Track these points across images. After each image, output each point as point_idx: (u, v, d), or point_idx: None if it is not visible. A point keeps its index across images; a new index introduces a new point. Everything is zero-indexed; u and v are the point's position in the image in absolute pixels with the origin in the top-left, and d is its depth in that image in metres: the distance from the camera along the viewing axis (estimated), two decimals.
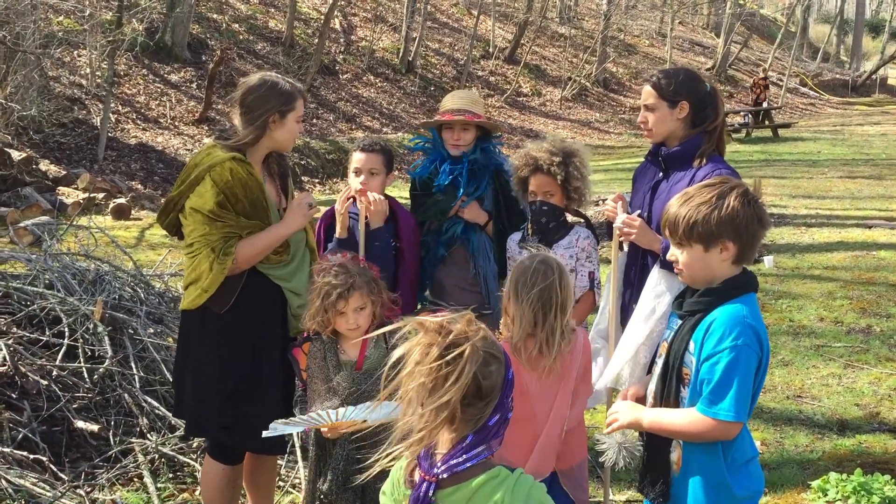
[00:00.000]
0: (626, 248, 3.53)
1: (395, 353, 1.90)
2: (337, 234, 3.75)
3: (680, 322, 2.59)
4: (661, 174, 3.46)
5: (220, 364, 3.38)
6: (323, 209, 3.85)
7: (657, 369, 2.65)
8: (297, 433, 4.45)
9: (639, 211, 3.46)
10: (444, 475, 1.87)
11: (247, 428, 3.37)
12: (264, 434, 2.91)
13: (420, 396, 1.85)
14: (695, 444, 2.52)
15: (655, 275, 3.24)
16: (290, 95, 3.37)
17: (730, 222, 2.44)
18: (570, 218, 3.89)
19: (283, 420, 2.90)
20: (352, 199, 3.77)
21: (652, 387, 2.66)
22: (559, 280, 2.92)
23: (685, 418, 2.49)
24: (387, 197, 3.87)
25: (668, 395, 2.57)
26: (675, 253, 2.56)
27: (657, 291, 3.20)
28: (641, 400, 2.74)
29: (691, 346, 2.51)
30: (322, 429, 2.96)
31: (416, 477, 1.92)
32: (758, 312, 2.51)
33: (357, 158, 3.82)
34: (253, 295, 3.36)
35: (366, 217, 3.70)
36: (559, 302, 2.90)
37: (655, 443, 2.62)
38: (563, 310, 2.93)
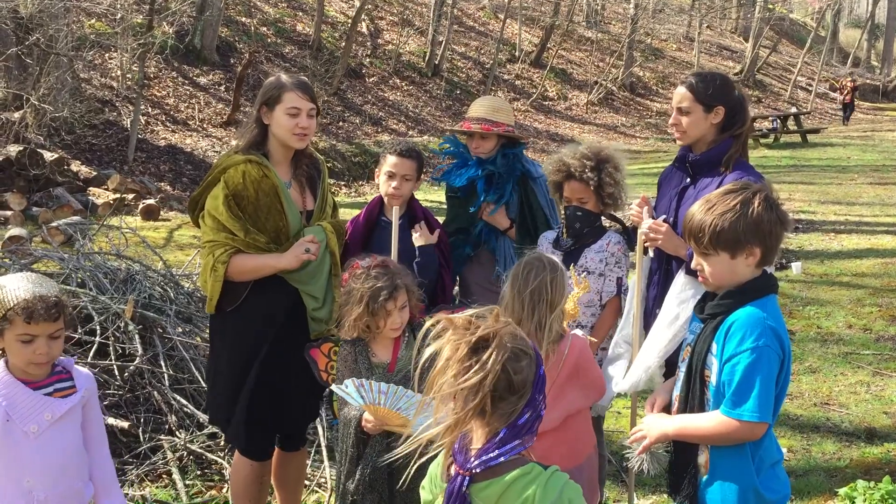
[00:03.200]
0: (651, 253, 3.53)
1: (427, 352, 1.94)
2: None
3: (702, 325, 2.60)
4: (687, 180, 3.45)
5: (230, 359, 3.46)
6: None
7: (681, 374, 2.66)
8: (324, 431, 4.50)
9: (664, 216, 3.46)
10: (478, 469, 1.90)
11: (260, 423, 3.45)
12: (333, 387, 2.97)
13: (452, 391, 1.89)
14: (722, 447, 2.52)
15: (680, 280, 3.23)
16: (278, 87, 3.40)
17: (755, 228, 2.46)
18: (605, 222, 3.90)
19: (359, 382, 2.92)
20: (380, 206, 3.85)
21: (677, 391, 2.67)
22: (551, 277, 2.98)
23: (710, 422, 2.49)
24: (415, 203, 3.93)
25: (692, 399, 2.58)
26: (699, 261, 2.57)
27: (682, 297, 3.18)
28: (668, 408, 2.74)
29: (713, 348, 2.52)
30: (367, 417, 2.98)
31: (452, 471, 1.95)
32: (778, 314, 2.51)
33: (391, 162, 3.79)
34: (266, 295, 3.41)
35: (399, 220, 3.74)
36: (548, 299, 2.96)
37: (683, 445, 2.63)
38: (551, 308, 2.98)
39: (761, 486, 2.49)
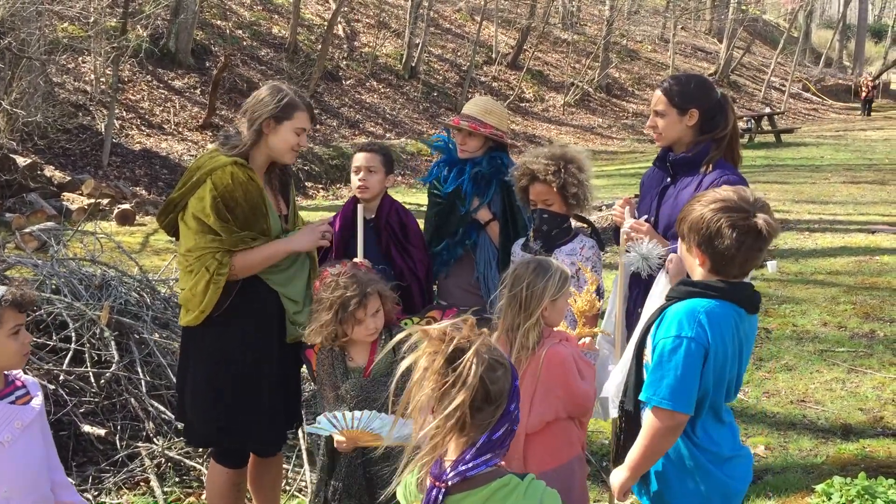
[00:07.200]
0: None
1: (403, 364, 1.92)
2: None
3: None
4: (668, 179, 3.48)
5: (216, 368, 3.40)
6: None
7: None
8: (305, 438, 4.48)
9: (646, 216, 3.48)
10: (454, 481, 1.89)
11: (244, 430, 3.41)
12: (308, 428, 2.96)
13: (429, 404, 1.88)
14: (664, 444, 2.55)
15: (662, 280, 3.24)
16: (290, 105, 3.34)
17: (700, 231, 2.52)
18: (574, 223, 3.91)
19: (330, 415, 2.95)
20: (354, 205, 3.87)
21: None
22: (527, 281, 3.02)
23: (643, 432, 2.53)
24: (388, 199, 3.98)
25: (630, 376, 2.68)
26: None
27: (664, 296, 3.20)
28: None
29: (652, 330, 2.61)
30: (338, 438, 2.97)
31: (427, 482, 1.94)
32: (719, 318, 2.49)
33: (356, 158, 3.98)
34: (249, 299, 3.38)
35: (364, 219, 3.77)
36: (521, 302, 3.00)
37: (628, 439, 2.68)
38: (527, 313, 3.00)
39: (700, 474, 2.56)
